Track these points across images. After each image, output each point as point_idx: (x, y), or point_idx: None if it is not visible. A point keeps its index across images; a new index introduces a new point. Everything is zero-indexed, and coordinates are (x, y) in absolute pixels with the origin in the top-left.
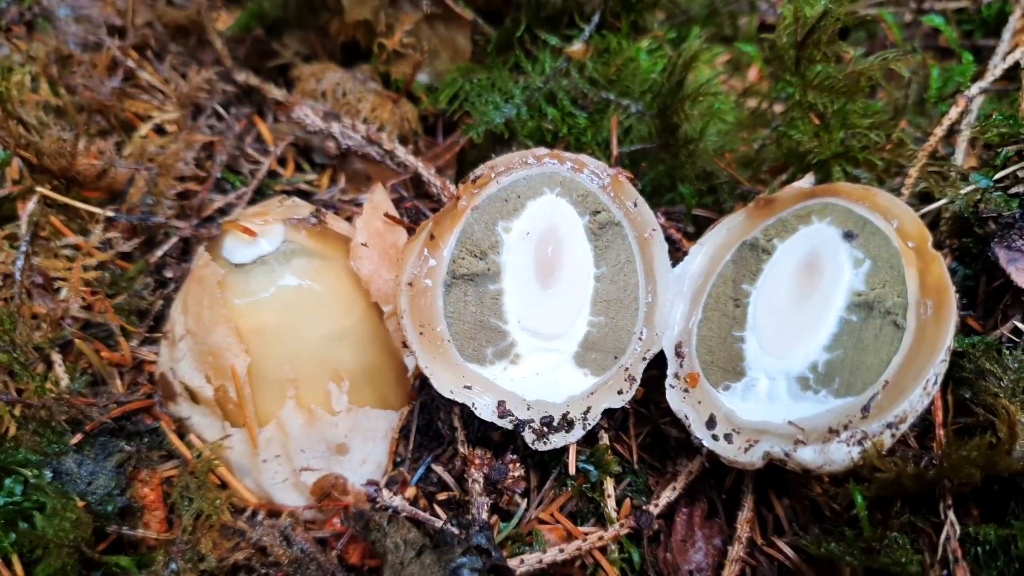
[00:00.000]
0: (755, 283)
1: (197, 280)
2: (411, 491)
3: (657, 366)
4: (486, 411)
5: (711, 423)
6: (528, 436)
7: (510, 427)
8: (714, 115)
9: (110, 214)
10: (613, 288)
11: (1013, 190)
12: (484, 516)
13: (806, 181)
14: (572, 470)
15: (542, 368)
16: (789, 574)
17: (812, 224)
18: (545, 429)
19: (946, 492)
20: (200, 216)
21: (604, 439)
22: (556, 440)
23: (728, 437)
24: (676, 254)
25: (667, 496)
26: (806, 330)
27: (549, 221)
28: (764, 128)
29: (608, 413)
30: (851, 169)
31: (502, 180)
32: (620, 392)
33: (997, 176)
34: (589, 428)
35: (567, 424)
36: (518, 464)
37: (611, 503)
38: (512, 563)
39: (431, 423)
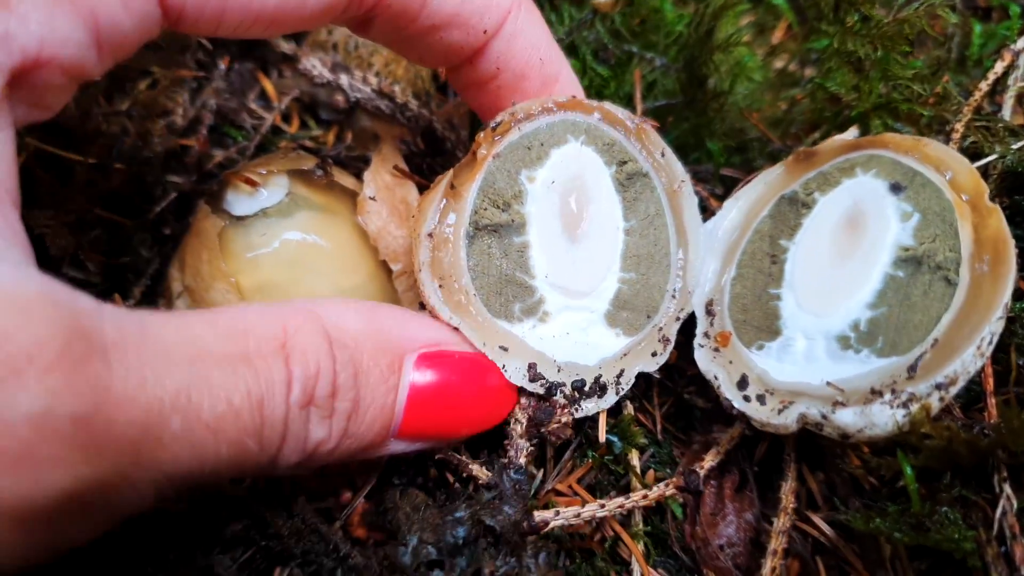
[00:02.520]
0: (793, 238)
1: (196, 233)
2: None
3: (683, 332)
4: (516, 375)
5: (743, 383)
6: (559, 402)
7: (542, 391)
8: (742, 71)
9: (103, 166)
10: (643, 243)
11: None
12: (521, 461)
13: (850, 133)
14: (603, 438)
15: (572, 327)
16: (825, 551)
17: (856, 176)
18: (577, 395)
19: (1000, 463)
20: (200, 171)
21: (629, 409)
22: (588, 407)
23: (761, 398)
24: (704, 215)
25: (711, 460)
26: (848, 287)
27: (575, 170)
28: (792, 88)
29: (639, 378)
30: (891, 122)
31: (524, 127)
32: (654, 354)
33: None
34: (623, 393)
35: (599, 388)
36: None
37: (638, 475)
38: (547, 514)
39: None
